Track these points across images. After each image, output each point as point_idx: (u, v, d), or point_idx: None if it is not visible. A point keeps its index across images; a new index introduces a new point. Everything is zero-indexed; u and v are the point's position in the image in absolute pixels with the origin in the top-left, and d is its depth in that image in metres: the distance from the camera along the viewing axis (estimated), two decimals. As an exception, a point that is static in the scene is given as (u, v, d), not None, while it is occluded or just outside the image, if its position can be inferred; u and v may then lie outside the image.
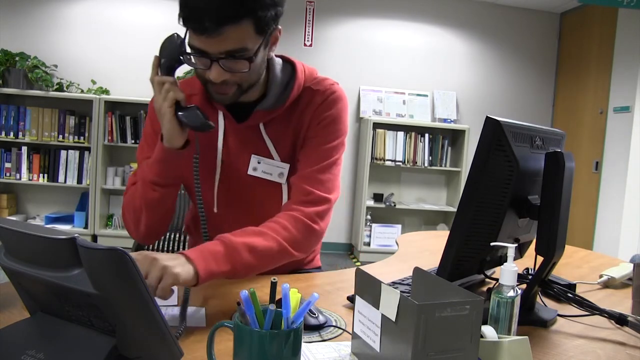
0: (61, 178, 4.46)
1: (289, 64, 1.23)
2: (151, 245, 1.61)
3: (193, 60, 1.04)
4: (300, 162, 1.21)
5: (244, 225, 1.25)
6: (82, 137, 4.45)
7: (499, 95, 5.22)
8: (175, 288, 0.93)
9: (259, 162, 1.21)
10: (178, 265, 0.91)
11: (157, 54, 1.09)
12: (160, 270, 0.88)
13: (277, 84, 1.18)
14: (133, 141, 4.48)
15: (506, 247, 0.91)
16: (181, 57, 1.05)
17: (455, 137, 4.99)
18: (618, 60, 4.34)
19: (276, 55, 1.21)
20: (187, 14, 0.98)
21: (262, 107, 1.17)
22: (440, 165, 4.94)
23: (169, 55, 1.07)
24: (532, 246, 1.08)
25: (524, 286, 1.05)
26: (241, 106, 1.18)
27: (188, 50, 1.03)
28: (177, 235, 1.66)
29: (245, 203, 1.26)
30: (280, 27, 1.09)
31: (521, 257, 1.18)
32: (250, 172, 1.21)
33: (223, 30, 0.96)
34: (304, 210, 1.13)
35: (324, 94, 1.21)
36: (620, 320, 1.02)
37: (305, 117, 1.20)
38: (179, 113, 1.06)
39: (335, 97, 1.21)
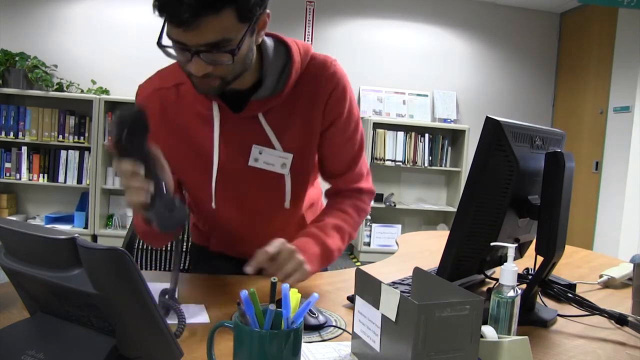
0: (61, 178, 4.46)
1: (281, 44, 1.13)
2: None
3: (172, 52, 0.95)
4: (331, 160, 1.23)
5: (244, 219, 1.23)
6: (82, 137, 4.45)
7: (499, 95, 5.22)
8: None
9: (260, 153, 1.15)
10: (308, 262, 1.04)
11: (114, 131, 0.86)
12: (297, 264, 1.02)
13: (273, 71, 1.09)
14: (133, 141, 4.48)
15: (506, 247, 0.91)
16: (162, 47, 0.93)
17: (455, 137, 4.99)
18: (618, 60, 4.34)
19: (266, 34, 1.11)
20: (162, 4, 0.88)
21: (258, 97, 1.10)
22: (440, 165, 4.94)
23: (131, 133, 0.85)
24: (532, 246, 1.08)
25: (524, 286, 1.04)
26: (236, 95, 1.10)
27: (167, 41, 0.93)
28: None
29: (245, 196, 1.21)
30: (268, 11, 0.99)
31: (521, 257, 1.18)
32: (251, 163, 1.15)
33: (201, 21, 0.87)
34: (359, 204, 1.26)
35: (330, 83, 1.14)
36: (620, 320, 1.02)
37: (316, 110, 1.14)
38: (146, 212, 0.90)
39: (344, 84, 1.16)
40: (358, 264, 4.64)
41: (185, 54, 0.93)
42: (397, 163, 4.85)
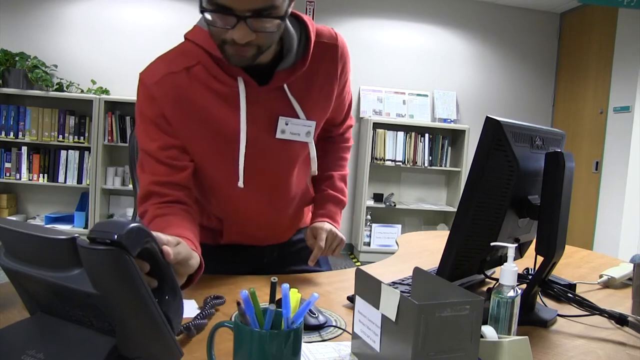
0: (61, 178, 4.46)
1: (292, 17, 1.14)
2: None
3: (212, 18, 0.94)
4: (336, 114, 1.32)
5: (269, 194, 1.24)
6: (82, 137, 4.45)
7: (499, 95, 5.22)
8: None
9: (286, 124, 1.15)
10: (335, 224, 1.30)
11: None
12: (339, 241, 1.28)
13: (294, 41, 1.11)
14: (133, 141, 4.48)
15: (506, 247, 0.91)
16: (204, 12, 0.90)
17: (455, 137, 4.99)
18: (618, 60, 4.34)
19: None
20: None
21: (283, 67, 1.11)
22: (440, 165, 4.94)
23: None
24: (532, 246, 1.08)
25: (524, 286, 1.04)
26: (259, 68, 1.09)
27: (206, 4, 0.92)
28: None
29: (272, 169, 1.20)
30: None
31: (521, 257, 1.18)
32: (278, 135, 1.15)
33: None
34: (348, 145, 1.46)
35: (343, 53, 1.23)
36: (620, 320, 1.02)
37: (334, 79, 1.21)
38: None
39: (348, 51, 1.26)
40: (358, 264, 4.64)
41: (230, 19, 0.92)
42: (397, 163, 4.85)
